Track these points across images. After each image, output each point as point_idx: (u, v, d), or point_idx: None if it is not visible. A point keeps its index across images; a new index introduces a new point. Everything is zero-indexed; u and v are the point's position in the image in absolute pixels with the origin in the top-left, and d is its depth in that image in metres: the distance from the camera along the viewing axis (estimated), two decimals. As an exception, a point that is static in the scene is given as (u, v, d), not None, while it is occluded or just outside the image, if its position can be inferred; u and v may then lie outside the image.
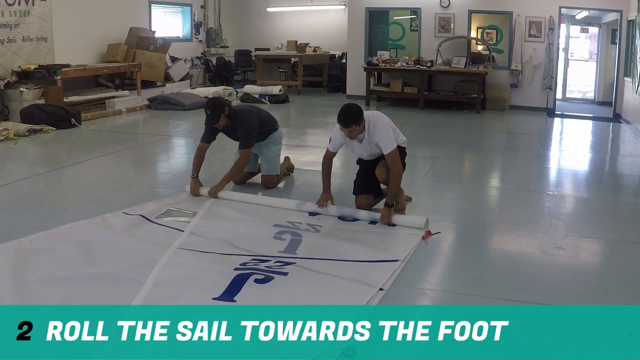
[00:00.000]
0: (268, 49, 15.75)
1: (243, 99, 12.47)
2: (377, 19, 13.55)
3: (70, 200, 5.64)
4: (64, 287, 3.46)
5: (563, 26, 13.59)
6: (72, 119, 9.37)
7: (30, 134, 8.55)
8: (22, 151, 7.93)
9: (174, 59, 13.70)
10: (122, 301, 3.23)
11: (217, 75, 15.62)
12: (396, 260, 3.99)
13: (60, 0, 10.83)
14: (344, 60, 15.17)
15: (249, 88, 12.86)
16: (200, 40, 15.63)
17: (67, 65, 10.50)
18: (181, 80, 13.71)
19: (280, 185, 6.16)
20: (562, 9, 12.07)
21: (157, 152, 8.21)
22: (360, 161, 5.34)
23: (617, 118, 11.75)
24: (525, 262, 4.32)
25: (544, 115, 12.05)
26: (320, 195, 5.11)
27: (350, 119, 4.66)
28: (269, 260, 3.92)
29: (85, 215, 4.81)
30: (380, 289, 3.51)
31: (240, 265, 3.80)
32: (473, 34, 12.83)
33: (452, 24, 12.60)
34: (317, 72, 15.34)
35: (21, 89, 9.65)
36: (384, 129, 4.80)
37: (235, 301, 3.34)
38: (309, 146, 8.53)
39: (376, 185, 5.19)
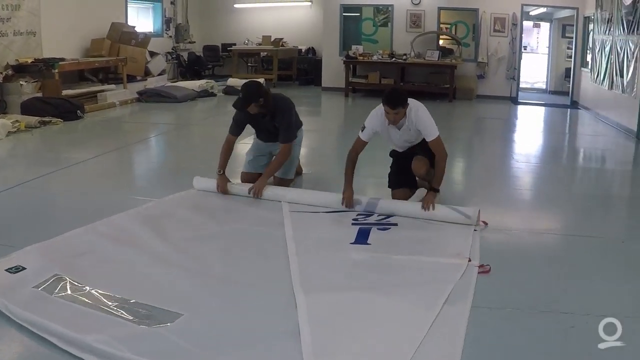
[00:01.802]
0: (234, 44, 16.19)
1: (227, 91, 12.93)
2: (351, 14, 14.32)
3: (148, 177, 6.14)
4: (215, 242, 4.02)
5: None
6: (78, 111, 9.62)
7: (41, 126, 8.76)
8: (47, 140, 8.18)
9: (152, 54, 13.99)
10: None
11: (188, 70, 15.96)
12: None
13: (48, -5, 10.96)
14: (310, 55, 15.86)
15: (232, 81, 13.32)
16: (171, 36, 15.92)
17: (63, 59, 10.69)
18: (159, 74, 14.01)
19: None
20: (524, 7, 13.08)
21: (185, 138, 8.75)
22: (394, 154, 5.20)
23: (574, 105, 12.87)
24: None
25: (509, 103, 13.13)
26: (342, 193, 4.79)
27: (399, 100, 4.53)
28: (372, 215, 4.58)
29: (181, 186, 5.35)
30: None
31: (353, 220, 4.46)
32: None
33: (422, 20, 13.43)
34: (287, 66, 15.91)
35: (21, 82, 9.80)
36: (426, 115, 4.67)
37: (370, 244, 4.02)
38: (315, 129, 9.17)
39: (412, 178, 5.05)
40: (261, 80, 12.98)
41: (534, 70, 17.77)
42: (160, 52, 14.89)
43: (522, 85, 14.09)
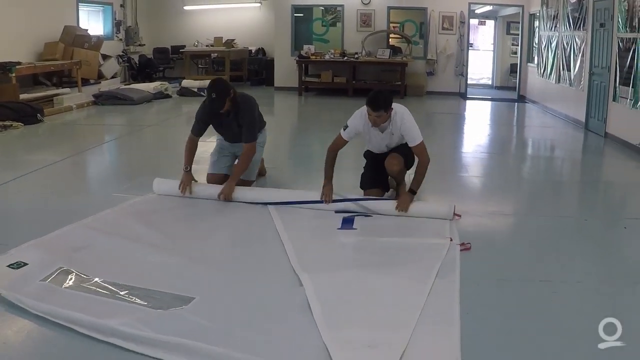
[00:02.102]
0: (184, 46, 16.21)
1: (182, 92, 12.97)
2: (301, 14, 14.53)
3: (123, 175, 6.29)
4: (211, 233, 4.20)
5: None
6: (38, 115, 9.56)
7: (2, 130, 8.68)
8: (12, 144, 8.11)
9: (105, 57, 13.92)
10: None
11: (139, 73, 15.91)
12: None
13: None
14: (260, 55, 16.02)
15: (187, 82, 13.36)
16: (121, 39, 15.83)
17: (19, 63, 10.59)
18: (112, 77, 13.94)
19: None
20: (470, 5, 13.56)
21: (147, 139, 8.83)
22: (368, 154, 5.20)
23: (522, 99, 13.40)
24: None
25: (459, 98, 13.58)
26: (322, 188, 4.81)
27: (381, 104, 4.50)
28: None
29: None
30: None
31: (336, 210, 4.69)
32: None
33: (372, 19, 13.75)
34: (237, 67, 16.01)
35: (-23, 88, 9.70)
36: (411, 121, 4.68)
37: (356, 229, 4.30)
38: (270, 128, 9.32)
39: (385, 178, 5.10)
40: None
41: (479, 66, 18.33)
42: (112, 55, 14.82)
43: (469, 81, 14.54)
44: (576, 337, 2.92)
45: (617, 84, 8.02)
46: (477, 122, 11.48)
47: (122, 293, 3.20)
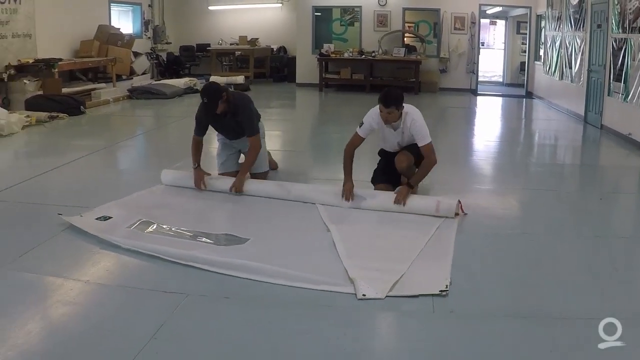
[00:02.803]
0: (209, 45, 17.09)
1: (210, 88, 13.82)
2: (321, 15, 15.42)
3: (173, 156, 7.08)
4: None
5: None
6: (81, 107, 10.45)
7: (50, 120, 9.55)
8: (63, 132, 9.03)
9: (135, 54, 14.82)
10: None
11: (167, 70, 16.81)
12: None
13: (41, -2, 11.68)
14: (281, 54, 16.89)
15: (215, 78, 14.19)
16: (149, 37, 16.73)
17: (61, 59, 11.48)
18: (143, 74, 14.86)
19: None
20: (481, 6, 14.36)
21: (189, 127, 9.54)
22: (382, 153, 5.40)
23: (529, 95, 14.20)
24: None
25: (470, 94, 14.40)
26: (342, 186, 4.94)
27: (392, 100, 4.70)
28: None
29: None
30: None
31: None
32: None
33: (388, 20, 14.61)
34: (260, 65, 16.87)
35: (25, 81, 10.56)
36: (420, 121, 4.86)
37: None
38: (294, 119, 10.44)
39: (396, 177, 5.22)
40: (240, 77, 14.17)
41: (491, 64, 19.12)
42: (142, 53, 15.71)
43: (480, 78, 15.33)
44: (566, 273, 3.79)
45: (611, 80, 8.82)
46: (486, 116, 12.34)
47: (192, 235, 4.18)
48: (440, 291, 3.37)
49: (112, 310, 3.23)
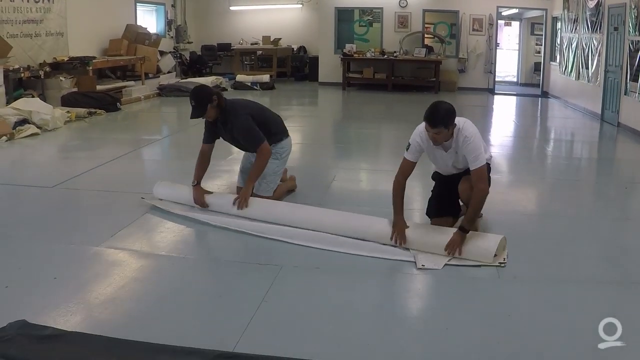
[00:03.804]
0: (230, 44, 17.48)
1: (236, 86, 14.29)
2: (344, 16, 15.85)
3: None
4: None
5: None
6: (118, 103, 10.88)
7: (89, 116, 9.93)
8: (106, 127, 9.45)
9: (162, 53, 15.24)
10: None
11: (190, 68, 17.21)
12: None
13: (72, -2, 12.05)
14: (301, 53, 17.29)
15: (241, 77, 14.70)
16: (172, 37, 17.13)
17: (94, 58, 11.90)
18: (168, 72, 15.26)
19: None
20: (498, 8, 14.75)
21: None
22: (437, 176, 4.55)
23: (545, 94, 14.59)
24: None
25: (487, 93, 14.80)
26: (392, 227, 4.11)
27: (440, 119, 3.85)
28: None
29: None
30: None
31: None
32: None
33: (409, 21, 15.02)
34: (281, 64, 17.25)
35: (61, 78, 10.93)
36: (474, 140, 3.97)
37: None
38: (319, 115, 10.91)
39: (455, 205, 4.43)
40: (265, 76, 14.57)
41: (505, 64, 19.47)
42: (166, 52, 16.10)
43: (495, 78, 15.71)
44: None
45: (628, 80, 9.24)
46: (505, 113, 12.86)
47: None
48: (499, 263, 3.79)
49: (221, 280, 3.72)
